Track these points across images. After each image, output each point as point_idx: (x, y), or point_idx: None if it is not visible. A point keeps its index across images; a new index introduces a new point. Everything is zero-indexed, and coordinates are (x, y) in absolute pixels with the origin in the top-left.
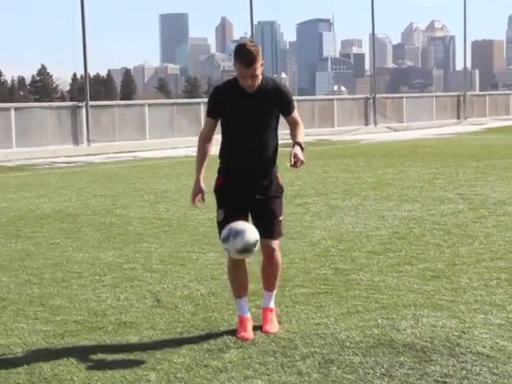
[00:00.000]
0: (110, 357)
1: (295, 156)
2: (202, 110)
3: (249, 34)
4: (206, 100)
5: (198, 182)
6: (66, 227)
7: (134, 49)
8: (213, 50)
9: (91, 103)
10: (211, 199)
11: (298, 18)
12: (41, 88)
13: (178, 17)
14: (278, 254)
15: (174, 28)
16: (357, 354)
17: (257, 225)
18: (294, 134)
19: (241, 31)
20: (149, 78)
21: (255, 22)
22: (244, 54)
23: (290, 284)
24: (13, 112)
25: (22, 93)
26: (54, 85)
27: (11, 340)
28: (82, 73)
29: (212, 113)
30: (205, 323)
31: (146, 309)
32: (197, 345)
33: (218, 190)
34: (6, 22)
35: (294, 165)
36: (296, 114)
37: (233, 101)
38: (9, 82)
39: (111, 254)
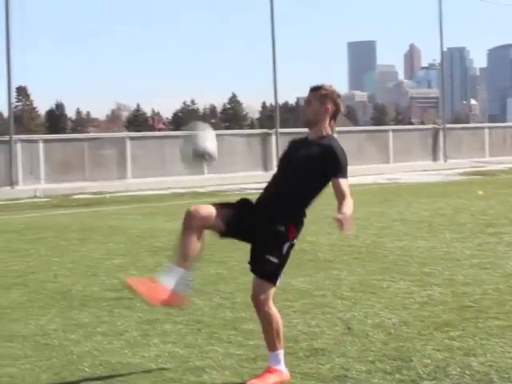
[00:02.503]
0: (300, 382)
1: (338, 220)
2: (391, 137)
3: (438, 61)
4: (394, 127)
5: None
6: None
7: (323, 77)
8: (401, 76)
9: (280, 130)
10: (398, 229)
11: (488, 44)
12: (231, 116)
13: (366, 44)
14: (266, 307)
15: (361, 55)
16: None
17: (250, 260)
18: (339, 206)
19: (429, 58)
20: None
21: (444, 49)
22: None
23: (483, 316)
24: None
25: (213, 120)
26: (244, 113)
27: (206, 362)
28: (272, 101)
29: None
30: (396, 353)
31: (336, 336)
32: (389, 375)
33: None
34: (199, 52)
35: (343, 230)
36: (344, 183)
37: (292, 148)
38: (201, 110)
39: (301, 281)
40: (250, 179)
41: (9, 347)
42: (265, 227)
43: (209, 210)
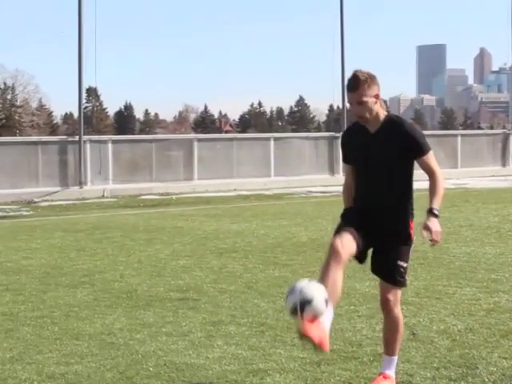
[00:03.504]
0: None
1: (427, 228)
2: (459, 142)
3: (508, 65)
4: (463, 132)
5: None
6: (322, 256)
7: (391, 80)
8: (470, 81)
9: None
10: (466, 234)
11: None
12: (298, 118)
13: (436, 48)
14: (396, 309)
15: (430, 59)
16: None
17: (374, 265)
18: (429, 192)
19: (500, 62)
20: (404, 109)
21: None
22: (349, 79)
23: None
24: (272, 142)
25: (280, 123)
26: (311, 115)
27: (269, 365)
28: (339, 104)
29: (343, 157)
30: (462, 360)
31: (401, 341)
32: (454, 382)
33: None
34: (267, 54)
35: (432, 241)
36: (429, 158)
37: (355, 143)
38: (268, 112)
39: (366, 285)
40: (317, 182)
41: (75, 345)
42: (391, 233)
43: (351, 243)
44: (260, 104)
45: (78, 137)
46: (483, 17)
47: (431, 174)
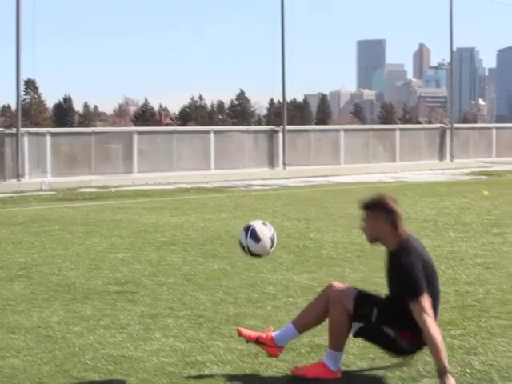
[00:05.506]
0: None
1: None
2: (398, 136)
3: (447, 61)
4: (401, 126)
5: None
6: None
7: (331, 74)
8: (409, 76)
9: (288, 127)
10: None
11: (497, 45)
12: (239, 112)
13: (376, 43)
14: (332, 308)
15: (371, 54)
16: None
17: None
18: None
19: (438, 57)
20: (344, 104)
21: (454, 49)
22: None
23: (485, 315)
24: (212, 135)
25: (220, 116)
26: (252, 109)
27: (207, 357)
28: (280, 98)
29: None
30: None
31: None
32: (390, 372)
33: None
34: (207, 47)
35: None
36: (416, 305)
37: None
38: (209, 106)
39: (304, 277)
40: (256, 176)
41: (11, 339)
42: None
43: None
44: (201, 97)
45: (15, 129)
46: (423, 13)
47: (420, 325)
